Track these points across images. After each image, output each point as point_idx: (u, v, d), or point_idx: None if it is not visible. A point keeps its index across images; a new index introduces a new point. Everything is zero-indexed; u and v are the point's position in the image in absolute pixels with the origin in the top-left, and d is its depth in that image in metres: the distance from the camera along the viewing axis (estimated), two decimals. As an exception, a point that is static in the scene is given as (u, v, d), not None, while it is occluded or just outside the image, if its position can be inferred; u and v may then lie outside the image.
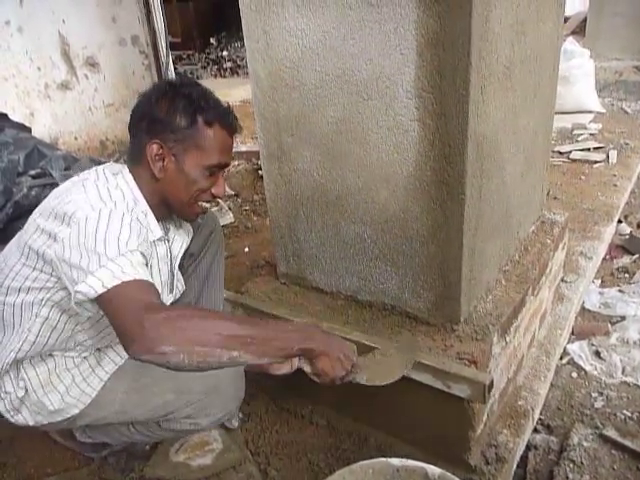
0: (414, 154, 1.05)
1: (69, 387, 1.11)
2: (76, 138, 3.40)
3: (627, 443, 1.43)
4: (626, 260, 2.59)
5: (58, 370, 1.12)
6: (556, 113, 3.76)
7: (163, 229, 1.14)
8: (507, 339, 1.23)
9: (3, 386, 1.10)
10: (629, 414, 1.64)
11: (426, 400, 1.14)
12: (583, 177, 2.87)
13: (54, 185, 2.56)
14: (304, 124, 1.17)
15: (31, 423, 1.13)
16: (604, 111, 3.88)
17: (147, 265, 0.94)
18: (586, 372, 1.90)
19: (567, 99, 3.73)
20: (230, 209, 2.60)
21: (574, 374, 1.91)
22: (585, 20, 4.81)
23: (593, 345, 2.04)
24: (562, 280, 1.86)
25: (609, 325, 2.14)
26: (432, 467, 1.06)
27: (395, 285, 1.20)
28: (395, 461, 1.08)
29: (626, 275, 2.49)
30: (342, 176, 1.16)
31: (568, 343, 2.04)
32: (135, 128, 1.06)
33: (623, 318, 2.18)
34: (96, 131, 3.53)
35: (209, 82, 4.86)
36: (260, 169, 2.99)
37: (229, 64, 5.24)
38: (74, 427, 1.22)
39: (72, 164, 2.76)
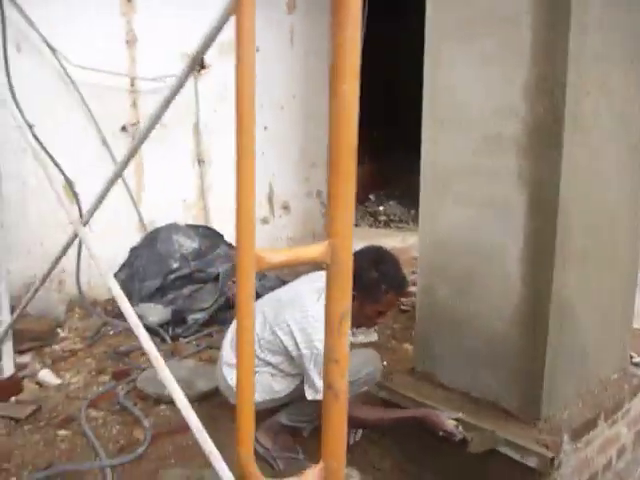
0: (516, 300, 1.68)
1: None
2: (263, 260, 4.43)
3: None
4: None
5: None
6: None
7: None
8: (578, 445, 1.70)
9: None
10: None
11: (511, 471, 1.64)
12: (695, 356, 3.13)
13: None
14: (443, 271, 1.87)
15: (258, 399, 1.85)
16: None
17: None
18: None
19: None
20: (376, 331, 3.30)
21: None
22: None
23: None
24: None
25: None
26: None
27: (497, 388, 1.77)
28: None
29: None
30: (467, 306, 1.82)
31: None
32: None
33: None
34: (277, 257, 4.56)
35: (365, 230, 5.86)
36: (402, 305, 3.69)
37: (383, 217, 6.26)
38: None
39: (264, 279, 3.71)
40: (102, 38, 3.44)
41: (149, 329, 3.07)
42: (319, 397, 1.69)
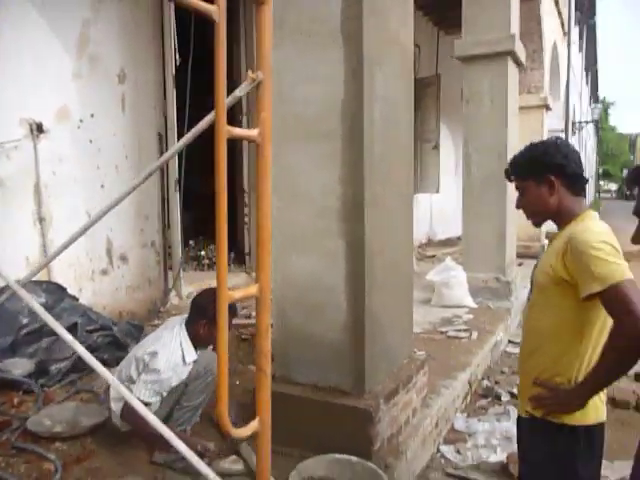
0: (345, 318, 2.53)
1: None
2: (104, 308, 4.70)
3: (458, 472, 2.73)
4: (484, 402, 4.06)
5: None
6: (441, 307, 5.48)
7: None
8: (389, 405, 2.59)
9: None
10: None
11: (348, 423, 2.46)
12: (453, 347, 4.44)
13: (113, 336, 3.84)
14: (294, 301, 2.65)
15: None
16: (475, 306, 5.67)
17: None
18: (449, 460, 3.22)
19: (448, 298, 5.51)
20: (225, 358, 3.92)
21: (443, 461, 3.23)
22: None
23: (456, 447, 3.38)
24: (429, 397, 3.26)
25: (467, 437, 3.51)
26: (353, 457, 2.34)
27: (336, 377, 2.59)
28: (335, 455, 2.36)
29: (483, 410, 3.94)
30: (313, 325, 2.62)
31: (441, 445, 3.37)
32: (195, 314, 2.57)
33: (475, 433, 3.57)
34: (117, 304, 4.86)
35: (193, 274, 6.41)
36: (242, 335, 4.38)
37: (206, 261, 6.88)
38: None
39: (116, 325, 4.07)
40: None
41: (15, 382, 3.28)
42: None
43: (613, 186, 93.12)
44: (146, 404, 2.51)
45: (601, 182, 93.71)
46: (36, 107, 4.12)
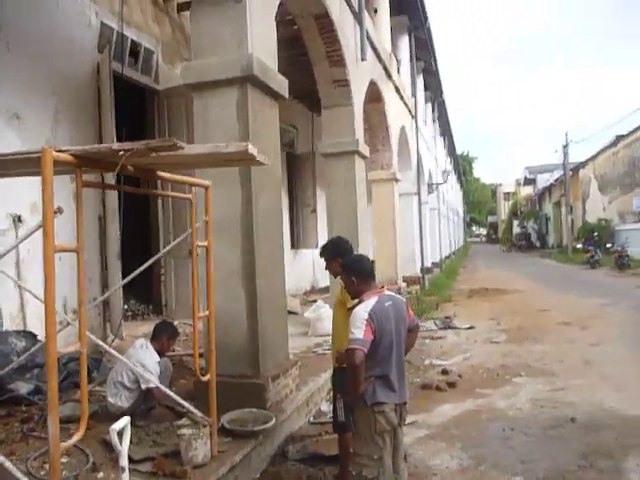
0: (245, 329, 4.49)
1: None
2: (62, 351, 6.21)
3: (317, 421, 4.74)
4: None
5: None
6: (316, 336, 7.65)
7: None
8: (274, 383, 4.55)
9: None
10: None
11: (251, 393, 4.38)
12: (321, 360, 6.51)
13: (84, 365, 5.45)
14: (217, 323, 4.58)
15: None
16: (340, 334, 7.84)
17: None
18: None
19: (321, 328, 7.62)
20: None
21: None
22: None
23: (320, 419, 5.39)
24: (301, 385, 5.25)
25: (328, 413, 5.54)
26: (254, 409, 4.26)
27: (242, 368, 4.51)
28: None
29: (340, 399, 6.00)
30: (228, 338, 4.53)
31: (311, 418, 5.37)
32: (159, 334, 4.47)
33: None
34: (70, 348, 6.38)
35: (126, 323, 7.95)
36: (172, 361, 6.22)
37: (130, 313, 8.43)
38: None
39: (81, 359, 5.66)
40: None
41: (22, 397, 4.84)
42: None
43: (483, 230, 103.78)
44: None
45: (473, 228, 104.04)
46: (16, 204, 5.72)
